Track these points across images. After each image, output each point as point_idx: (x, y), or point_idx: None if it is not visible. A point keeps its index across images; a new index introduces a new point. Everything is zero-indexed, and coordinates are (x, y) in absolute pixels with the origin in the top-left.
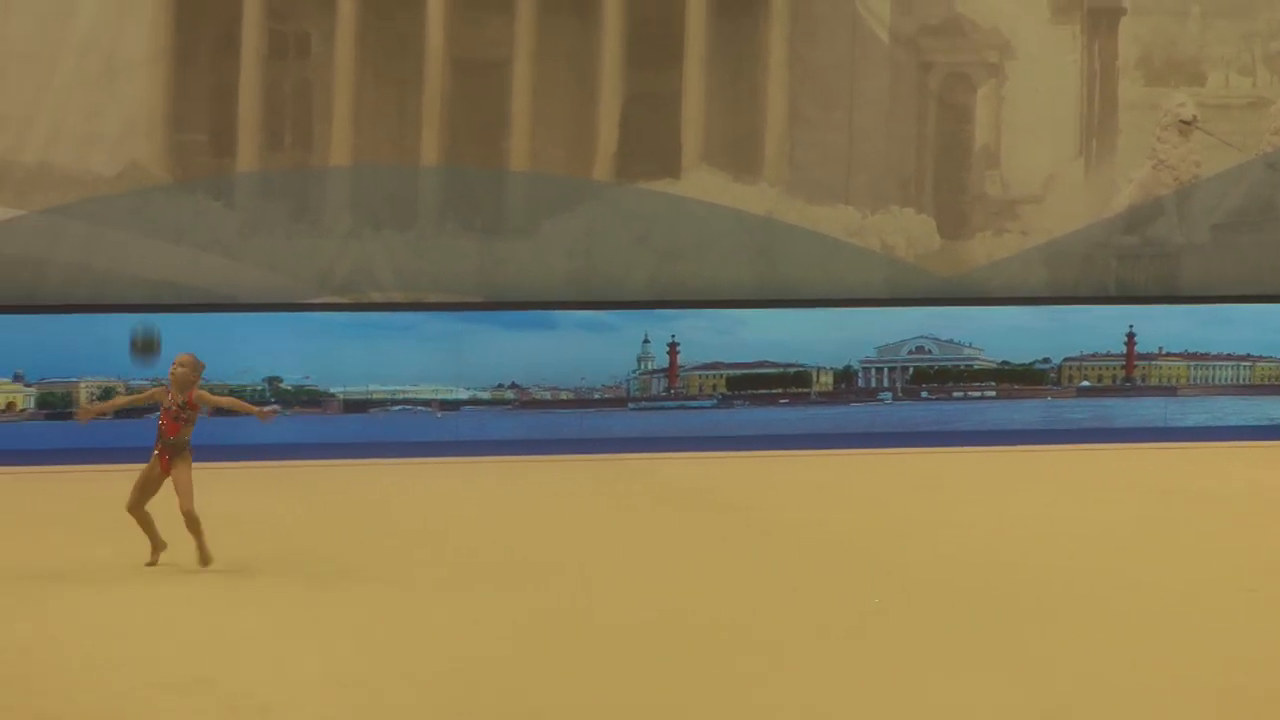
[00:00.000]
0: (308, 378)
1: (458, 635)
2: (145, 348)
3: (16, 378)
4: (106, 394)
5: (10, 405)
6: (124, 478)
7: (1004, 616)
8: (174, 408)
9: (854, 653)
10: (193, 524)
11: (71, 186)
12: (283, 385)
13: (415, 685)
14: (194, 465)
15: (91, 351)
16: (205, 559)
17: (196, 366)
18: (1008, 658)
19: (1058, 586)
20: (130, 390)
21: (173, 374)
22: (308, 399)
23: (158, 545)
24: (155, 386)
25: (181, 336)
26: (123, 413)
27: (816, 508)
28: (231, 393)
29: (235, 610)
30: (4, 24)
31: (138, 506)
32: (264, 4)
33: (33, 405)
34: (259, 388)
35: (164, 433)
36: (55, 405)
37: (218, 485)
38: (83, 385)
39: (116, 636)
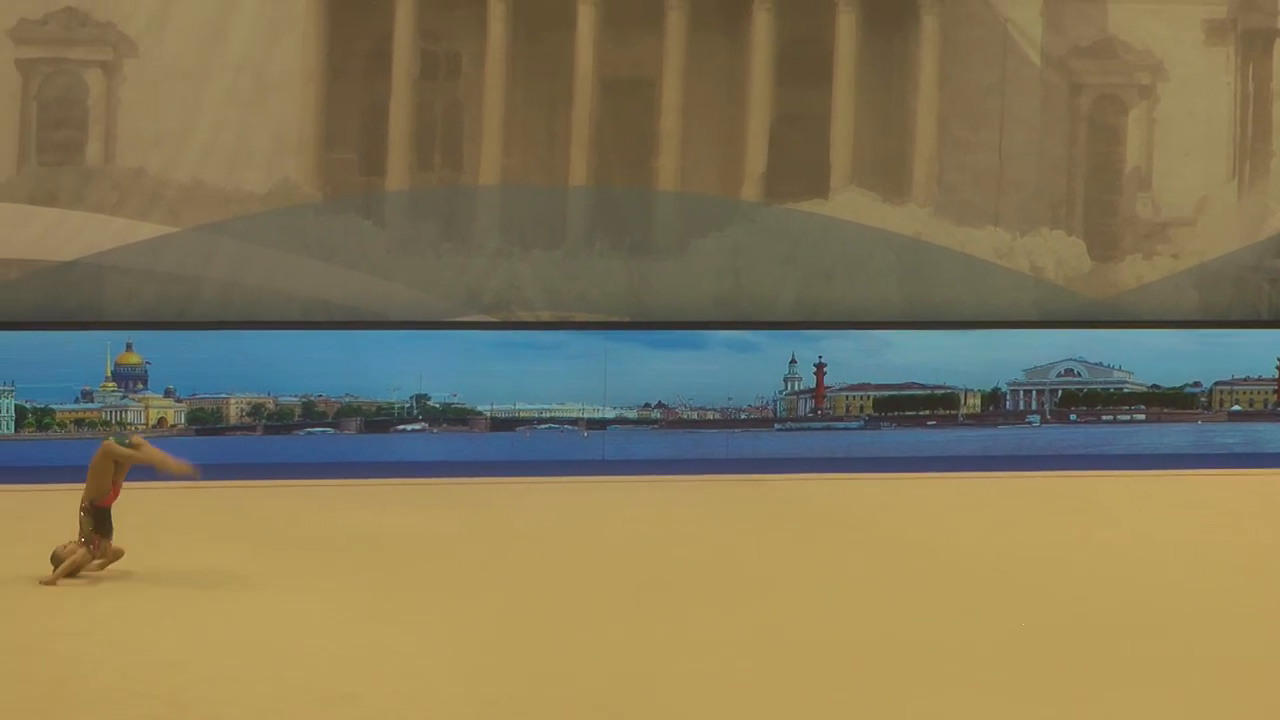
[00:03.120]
0: (455, 395)
1: (603, 656)
2: None
3: (167, 393)
4: (255, 410)
5: (161, 420)
6: (269, 493)
7: (1152, 642)
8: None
9: (1006, 675)
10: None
11: (223, 204)
12: (430, 403)
13: (560, 706)
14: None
15: (242, 369)
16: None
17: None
18: (1154, 683)
19: (1206, 612)
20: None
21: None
22: (455, 417)
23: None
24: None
25: (330, 354)
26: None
27: (964, 530)
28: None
29: (379, 626)
30: (159, 42)
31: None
32: (415, 24)
33: (183, 421)
34: (406, 405)
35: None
36: (205, 421)
37: (362, 503)
38: (232, 401)
39: (262, 651)
